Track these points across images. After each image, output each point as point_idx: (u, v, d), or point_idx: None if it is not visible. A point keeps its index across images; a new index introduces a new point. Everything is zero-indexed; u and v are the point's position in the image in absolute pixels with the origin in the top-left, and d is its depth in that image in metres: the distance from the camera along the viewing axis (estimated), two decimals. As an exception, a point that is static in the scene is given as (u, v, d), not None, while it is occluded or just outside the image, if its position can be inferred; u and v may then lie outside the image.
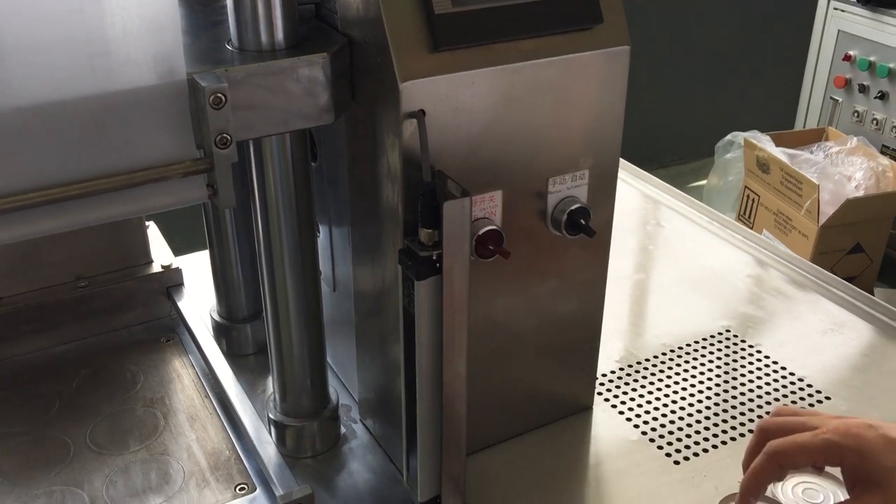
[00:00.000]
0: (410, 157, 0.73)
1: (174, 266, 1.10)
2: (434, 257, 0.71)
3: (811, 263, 1.27)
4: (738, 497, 0.72)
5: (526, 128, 0.78)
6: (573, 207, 0.82)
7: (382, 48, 0.71)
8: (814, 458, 0.70)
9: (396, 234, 0.77)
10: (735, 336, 1.10)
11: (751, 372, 1.03)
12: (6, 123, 0.61)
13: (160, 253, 1.12)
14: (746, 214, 2.86)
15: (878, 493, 0.66)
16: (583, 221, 0.82)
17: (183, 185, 0.67)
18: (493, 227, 0.78)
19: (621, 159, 1.54)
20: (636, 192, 1.49)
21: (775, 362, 1.05)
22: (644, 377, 1.02)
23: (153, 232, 1.15)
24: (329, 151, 0.88)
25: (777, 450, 0.70)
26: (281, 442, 0.91)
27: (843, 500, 0.69)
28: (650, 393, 1.00)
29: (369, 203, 0.81)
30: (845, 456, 0.68)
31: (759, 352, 1.07)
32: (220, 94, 0.64)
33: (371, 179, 0.79)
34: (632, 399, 0.99)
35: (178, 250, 1.18)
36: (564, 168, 0.82)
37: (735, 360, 1.05)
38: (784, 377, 1.03)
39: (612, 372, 1.03)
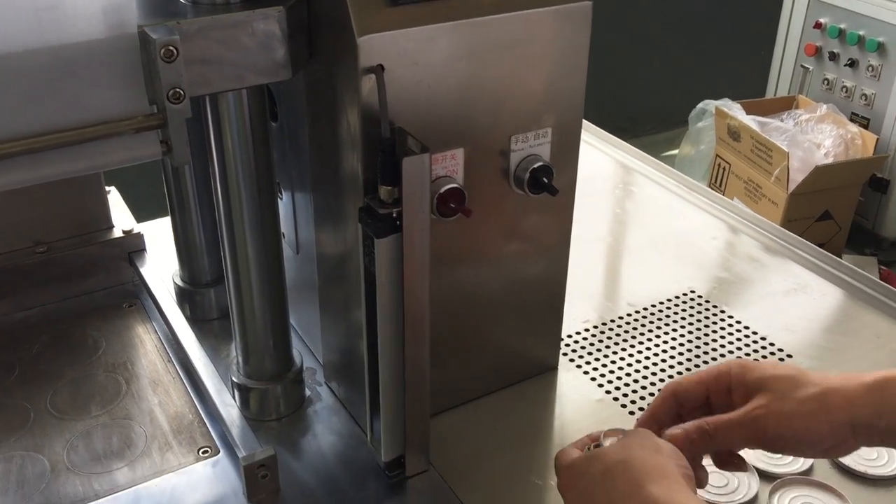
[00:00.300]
0: (370, 113, 0.72)
1: (136, 231, 1.09)
2: (394, 215, 0.70)
3: (779, 227, 1.27)
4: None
5: (487, 84, 0.77)
6: (536, 165, 0.81)
7: (339, 2, 0.70)
8: (706, 386, 0.71)
9: (357, 194, 0.76)
10: (700, 297, 1.11)
11: (715, 332, 1.04)
12: (-50, 77, 0.59)
13: (121, 218, 1.10)
14: (717, 182, 2.88)
15: (761, 396, 0.67)
16: (545, 179, 0.81)
17: (136, 141, 0.66)
18: (455, 186, 0.77)
19: (594, 126, 1.56)
20: (608, 159, 1.49)
21: (739, 322, 1.06)
22: (609, 338, 1.03)
23: (114, 197, 1.13)
24: (289, 111, 0.87)
25: (672, 382, 0.73)
26: (245, 405, 0.90)
27: None
28: (615, 353, 1.00)
29: (330, 163, 0.80)
30: (732, 372, 0.70)
31: (723, 311, 1.08)
32: (171, 47, 0.63)
33: (331, 138, 0.78)
34: (597, 359, 0.99)
35: (141, 219, 1.17)
36: (527, 126, 0.81)
37: (700, 321, 1.06)
38: (748, 336, 1.03)
39: (578, 333, 1.03)
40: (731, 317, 1.07)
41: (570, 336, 1.03)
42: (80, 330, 1.02)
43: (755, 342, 1.03)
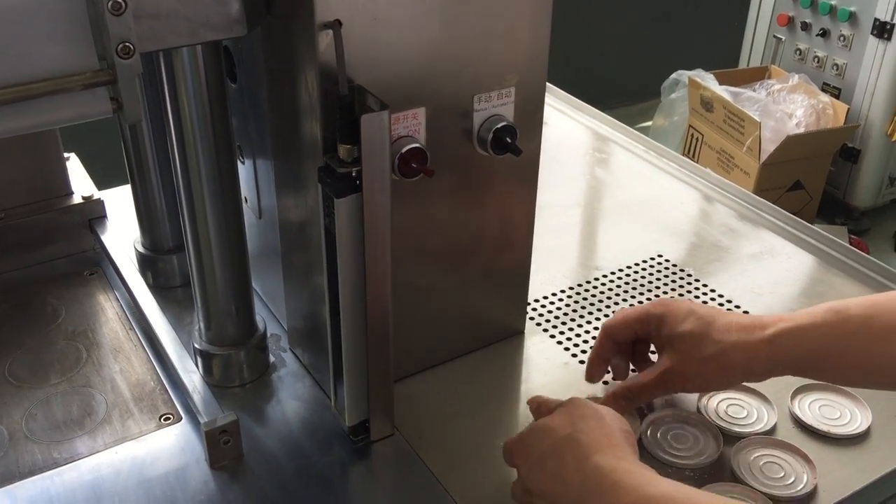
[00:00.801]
0: (328, 71, 0.70)
1: (96, 197, 1.06)
2: (353, 174, 0.69)
3: (749, 193, 1.27)
4: (586, 370, 0.87)
5: (449, 41, 0.76)
6: (499, 126, 0.80)
7: (295, -45, 0.68)
8: (632, 326, 0.83)
9: (317, 155, 0.74)
10: (668, 262, 1.10)
11: (681, 295, 1.04)
12: None
13: (81, 184, 1.08)
14: (690, 153, 2.89)
15: (669, 357, 0.78)
16: (509, 140, 0.80)
17: (85, 97, 0.64)
18: (417, 145, 0.76)
19: (565, 93, 1.54)
20: (580, 126, 1.48)
21: (706, 286, 1.06)
22: (577, 302, 1.02)
23: (74, 164, 1.11)
24: (248, 71, 0.85)
25: (606, 324, 0.85)
26: (208, 372, 0.89)
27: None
28: (582, 318, 1.00)
29: (289, 124, 0.79)
30: (652, 322, 0.80)
31: (690, 276, 1.08)
32: (119, 0, 0.61)
33: (290, 98, 0.77)
34: (564, 324, 0.99)
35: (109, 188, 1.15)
36: (490, 85, 0.80)
37: (667, 285, 1.06)
38: (713, 300, 1.03)
39: (545, 297, 1.03)
40: (697, 280, 1.07)
41: (537, 301, 1.02)
42: (39, 298, 1.00)
43: (720, 305, 1.03)
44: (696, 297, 1.04)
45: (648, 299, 1.03)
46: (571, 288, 1.05)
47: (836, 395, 0.87)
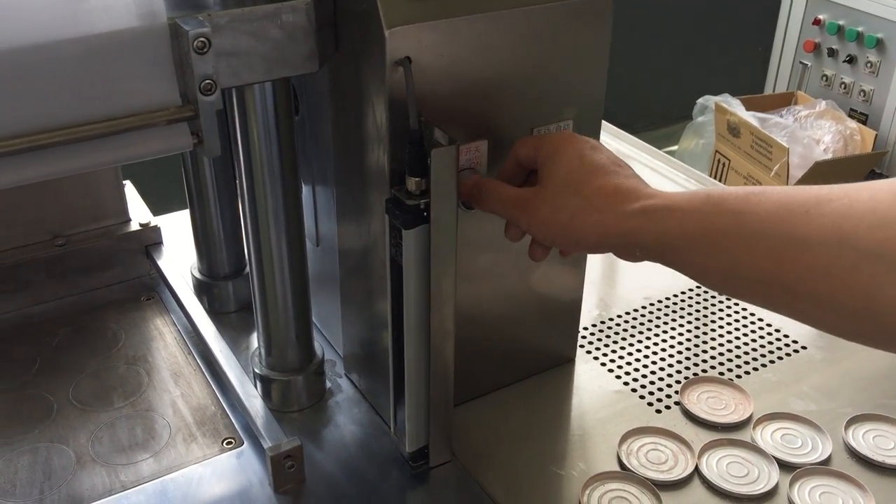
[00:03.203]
0: (396, 105, 0.72)
1: (153, 224, 1.09)
2: (421, 206, 0.71)
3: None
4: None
5: (511, 77, 0.78)
6: (558, 158, 0.82)
7: (367, -6, 0.70)
8: (526, 149, 0.76)
9: (382, 185, 0.76)
10: (713, 289, 1.12)
11: (728, 323, 1.05)
12: (-15, 68, 0.59)
13: (138, 211, 1.11)
14: (718, 178, 2.89)
15: (539, 185, 0.73)
16: (567, 171, 0.82)
17: (167, 132, 0.66)
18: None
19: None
20: (614, 151, 1.50)
21: (752, 314, 1.07)
22: (624, 329, 1.04)
23: (130, 191, 1.13)
24: (311, 103, 0.87)
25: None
26: (267, 397, 0.91)
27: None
28: (630, 345, 1.01)
29: (354, 155, 0.81)
30: (533, 143, 0.75)
31: (735, 304, 1.09)
32: (203, 39, 0.63)
33: (356, 130, 0.79)
34: (613, 351, 1.00)
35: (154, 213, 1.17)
36: (548, 118, 0.82)
37: (713, 312, 1.07)
38: (761, 328, 1.04)
39: (593, 325, 1.04)
40: (744, 308, 1.08)
41: (585, 328, 1.03)
42: (99, 323, 1.02)
43: (769, 333, 1.04)
44: (745, 325, 1.05)
45: (696, 327, 1.04)
46: (619, 316, 1.06)
47: (889, 426, 0.87)
